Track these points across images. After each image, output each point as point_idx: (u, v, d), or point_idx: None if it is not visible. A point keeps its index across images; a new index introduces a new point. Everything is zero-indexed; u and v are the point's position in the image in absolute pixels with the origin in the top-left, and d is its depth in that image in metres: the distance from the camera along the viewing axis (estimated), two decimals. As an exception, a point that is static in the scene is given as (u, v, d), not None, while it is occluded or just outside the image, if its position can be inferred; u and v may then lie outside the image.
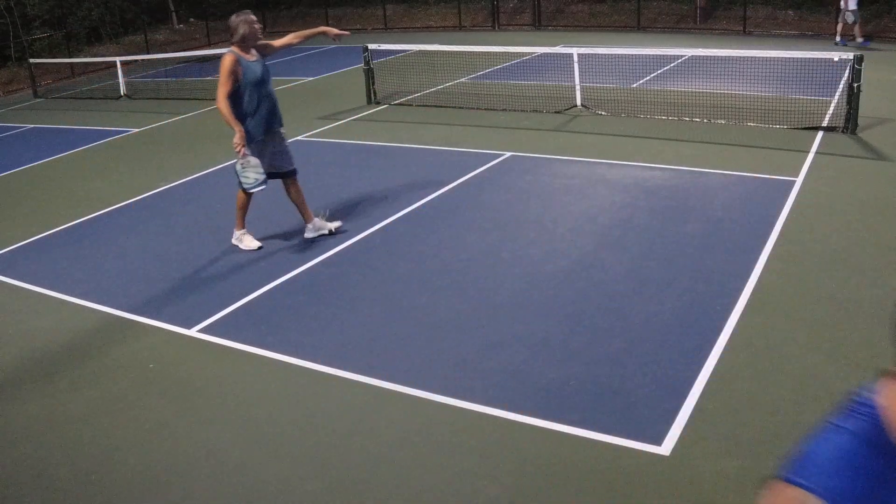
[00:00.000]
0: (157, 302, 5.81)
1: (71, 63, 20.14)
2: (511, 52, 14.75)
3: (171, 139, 11.48)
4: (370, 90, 12.50)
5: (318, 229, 6.77)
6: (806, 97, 10.43)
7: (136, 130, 12.25)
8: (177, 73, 17.60)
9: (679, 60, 14.28)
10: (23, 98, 17.48)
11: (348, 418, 4.22)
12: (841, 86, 10.76)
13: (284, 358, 4.87)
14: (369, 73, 12.43)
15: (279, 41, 6.63)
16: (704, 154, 8.64)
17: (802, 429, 3.82)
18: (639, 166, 8.29)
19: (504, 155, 8.99)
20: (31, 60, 18.39)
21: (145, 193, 8.66)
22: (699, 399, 4.13)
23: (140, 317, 5.58)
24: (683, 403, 4.10)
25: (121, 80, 15.57)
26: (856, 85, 8.88)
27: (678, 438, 3.83)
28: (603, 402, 4.18)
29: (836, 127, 9.24)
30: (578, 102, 10.98)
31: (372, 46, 12.33)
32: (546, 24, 22.61)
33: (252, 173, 6.27)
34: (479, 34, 22.00)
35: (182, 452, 4.03)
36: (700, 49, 12.79)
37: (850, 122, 9.09)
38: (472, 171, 8.42)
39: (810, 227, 6.39)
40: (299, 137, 10.45)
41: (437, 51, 14.27)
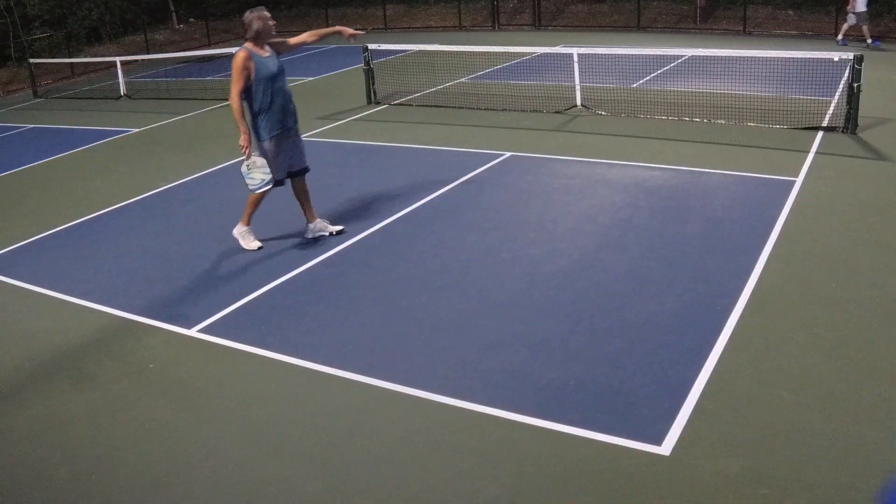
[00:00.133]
0: (157, 302, 5.81)
1: (71, 63, 20.14)
2: (511, 52, 14.76)
3: (171, 139, 11.49)
4: (370, 90, 12.50)
5: (320, 230, 6.77)
6: (806, 97, 10.44)
7: (136, 130, 12.25)
8: (177, 73, 17.60)
9: (679, 60, 14.29)
10: (23, 98, 17.49)
11: (348, 418, 4.22)
12: (841, 86, 10.76)
13: (284, 358, 4.87)
14: (369, 73, 12.43)
15: (294, 39, 6.61)
16: (704, 154, 8.64)
17: (802, 429, 3.84)
18: (639, 166, 8.29)
19: (504, 155, 8.99)
20: (31, 60, 18.40)
21: (145, 193, 8.67)
22: (699, 399, 4.13)
23: (140, 317, 5.58)
24: (683, 403, 4.10)
25: (121, 80, 15.58)
26: (856, 85, 8.88)
27: (678, 438, 3.83)
28: (603, 402, 4.18)
29: (836, 127, 9.24)
30: (578, 102, 10.98)
31: (372, 46, 12.34)
32: (546, 24, 22.61)
33: (258, 174, 6.27)
34: (479, 34, 22.00)
35: (182, 452, 4.03)
36: (700, 49, 12.80)
37: (850, 122, 9.09)
38: (472, 171, 8.42)
39: (810, 227, 6.39)
40: (299, 137, 10.45)
41: (437, 51, 14.27)
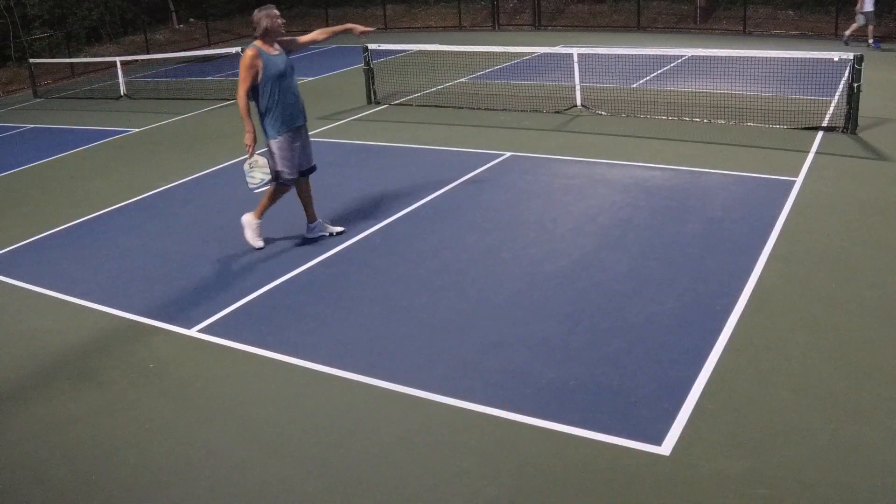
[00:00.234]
0: (157, 302, 5.81)
1: (71, 63, 20.15)
2: (511, 52, 14.76)
3: (171, 139, 11.49)
4: (370, 90, 12.50)
5: (320, 231, 6.77)
6: (806, 97, 10.44)
7: (136, 130, 12.25)
8: (177, 73, 17.62)
9: (679, 60, 14.29)
10: (23, 98, 17.50)
11: (348, 418, 4.22)
12: (841, 86, 10.76)
13: (284, 358, 4.87)
14: (369, 73, 12.43)
15: (304, 37, 6.59)
16: (704, 154, 8.64)
17: (802, 429, 3.84)
18: (639, 166, 8.29)
19: (504, 155, 8.99)
20: (31, 60, 18.41)
21: (145, 193, 8.67)
22: (699, 399, 4.13)
23: (140, 317, 5.58)
24: (683, 403, 4.10)
25: (121, 80, 15.58)
26: (856, 85, 8.88)
27: (678, 438, 3.83)
28: (603, 402, 4.18)
29: (836, 127, 9.24)
30: (578, 102, 10.98)
31: (372, 46, 12.34)
32: (546, 24, 22.61)
33: (259, 173, 6.29)
34: (479, 34, 22.01)
35: (182, 452, 4.03)
36: (700, 49, 12.80)
37: (850, 122, 9.09)
38: (472, 171, 8.42)
39: (810, 227, 6.39)
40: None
41: (437, 51, 14.27)
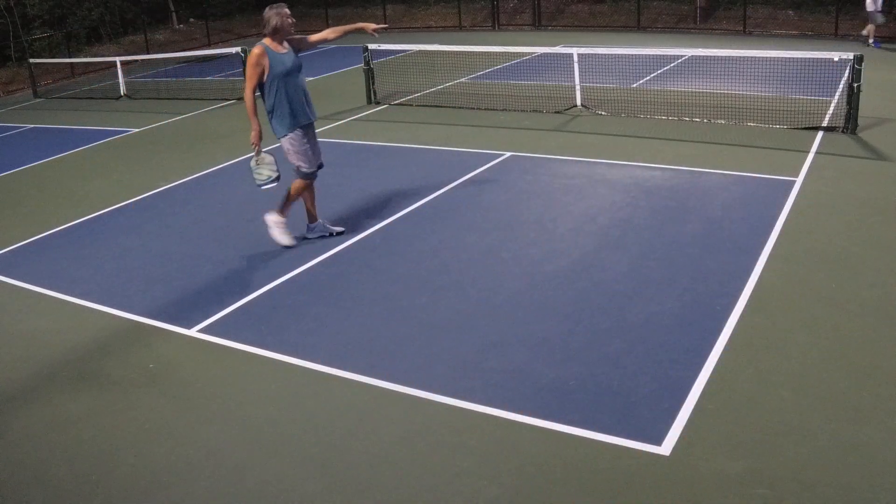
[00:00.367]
0: (156, 302, 5.81)
1: (71, 63, 20.15)
2: (511, 52, 14.76)
3: (171, 139, 11.49)
4: (370, 90, 12.50)
5: (320, 231, 6.77)
6: (806, 97, 10.44)
7: (136, 130, 12.25)
8: (177, 73, 17.61)
9: (679, 60, 14.29)
10: (23, 98, 17.50)
11: (348, 418, 4.22)
12: (841, 86, 10.76)
13: (284, 358, 4.87)
14: (369, 73, 12.43)
15: (315, 36, 6.53)
16: (704, 154, 8.64)
17: (803, 429, 3.84)
18: (639, 166, 8.29)
19: (504, 155, 8.99)
20: (31, 60, 18.41)
21: (145, 193, 8.67)
22: (699, 399, 4.13)
23: (140, 317, 5.58)
24: (683, 403, 4.10)
25: (121, 80, 15.59)
26: (856, 85, 8.88)
27: (678, 438, 3.83)
28: (603, 402, 4.18)
29: (836, 127, 9.24)
30: (578, 102, 10.98)
31: (372, 46, 12.34)
32: (546, 24, 22.62)
33: (266, 170, 6.32)
34: (479, 34, 22.01)
35: (182, 452, 4.03)
36: (700, 49, 12.79)
37: (850, 122, 9.09)
38: (472, 171, 8.42)
39: (810, 227, 6.39)
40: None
41: (437, 51, 14.27)
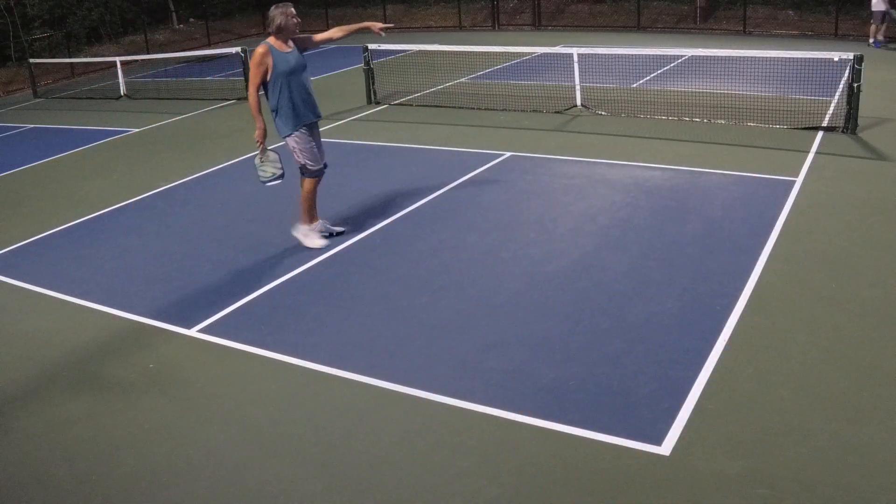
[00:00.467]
0: (156, 302, 5.81)
1: (71, 63, 20.14)
2: (511, 52, 14.75)
3: (171, 139, 11.48)
4: (370, 90, 12.50)
5: (320, 231, 6.75)
6: (806, 97, 10.44)
7: (136, 130, 12.25)
8: (177, 73, 17.61)
9: (679, 60, 14.29)
10: (23, 98, 17.50)
11: (348, 418, 4.22)
12: (841, 86, 10.76)
13: (284, 358, 4.87)
14: (369, 73, 12.43)
15: (320, 35, 6.54)
16: (704, 154, 8.64)
17: (803, 429, 3.84)
18: (639, 166, 8.29)
19: (504, 155, 8.99)
20: (31, 60, 18.40)
21: (145, 193, 8.66)
22: (699, 399, 4.13)
23: (140, 317, 5.58)
24: (683, 403, 4.10)
25: (121, 80, 15.58)
26: (856, 85, 8.88)
27: (678, 438, 3.83)
28: (603, 402, 4.18)
29: (836, 127, 9.24)
30: (578, 102, 10.98)
31: (372, 46, 12.34)
32: (546, 24, 22.62)
33: (270, 168, 6.34)
34: (479, 34, 22.01)
35: (182, 452, 4.03)
36: (700, 49, 12.79)
37: (850, 122, 9.09)
38: (472, 171, 8.42)
39: (810, 227, 6.39)
40: (299, 137, 10.44)
41: (437, 51, 14.27)
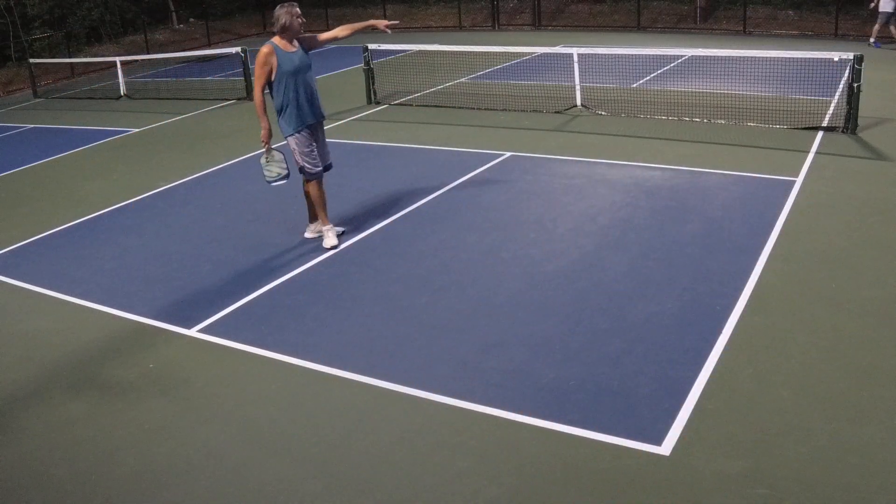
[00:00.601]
0: (156, 302, 5.81)
1: (71, 63, 20.14)
2: (511, 52, 14.75)
3: (171, 139, 11.48)
4: (370, 90, 12.50)
5: (320, 231, 6.76)
6: (806, 97, 10.44)
7: (136, 130, 12.25)
8: (177, 73, 17.61)
9: (679, 60, 14.29)
10: (23, 98, 17.50)
11: (348, 418, 4.22)
12: (841, 86, 10.76)
13: (284, 358, 4.87)
14: (369, 73, 12.43)
15: (326, 34, 6.50)
16: (704, 154, 8.64)
17: (803, 429, 3.84)
18: (639, 166, 8.29)
19: (504, 155, 8.99)
20: (31, 60, 18.40)
21: (145, 193, 8.66)
22: (699, 399, 4.13)
23: (140, 317, 5.58)
24: (683, 403, 4.10)
25: (121, 80, 15.58)
26: (856, 85, 8.88)
27: (678, 438, 3.83)
28: (603, 402, 4.18)
29: (836, 127, 9.24)
30: (578, 102, 10.98)
31: (372, 46, 12.34)
32: (546, 24, 22.62)
33: (275, 167, 6.37)
34: (479, 34, 22.01)
35: (182, 452, 4.03)
36: (700, 49, 12.79)
37: (850, 122, 9.09)
38: (472, 171, 8.42)
39: (810, 227, 6.39)
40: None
41: (437, 51, 14.27)
